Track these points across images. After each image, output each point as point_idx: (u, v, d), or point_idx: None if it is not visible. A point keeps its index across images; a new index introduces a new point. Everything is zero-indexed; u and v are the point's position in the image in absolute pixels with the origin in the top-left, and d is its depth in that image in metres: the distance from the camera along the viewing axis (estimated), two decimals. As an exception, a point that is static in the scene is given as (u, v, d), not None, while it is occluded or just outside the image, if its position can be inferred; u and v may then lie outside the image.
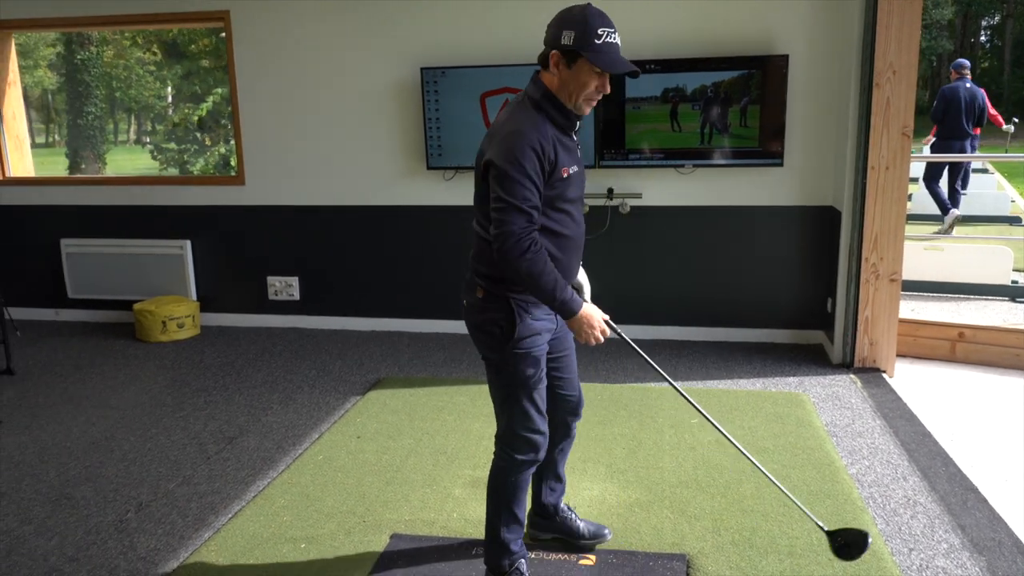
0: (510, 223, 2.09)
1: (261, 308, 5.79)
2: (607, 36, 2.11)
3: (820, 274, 4.95)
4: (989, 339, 4.69)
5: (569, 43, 2.10)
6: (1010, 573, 2.60)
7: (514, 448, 2.38)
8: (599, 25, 2.10)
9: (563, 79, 2.17)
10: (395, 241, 5.49)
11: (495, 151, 2.14)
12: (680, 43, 4.84)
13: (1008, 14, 36.78)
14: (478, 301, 2.32)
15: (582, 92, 2.17)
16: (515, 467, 2.40)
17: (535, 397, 2.34)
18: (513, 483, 2.42)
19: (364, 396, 4.31)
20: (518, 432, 2.36)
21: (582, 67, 2.13)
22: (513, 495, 2.43)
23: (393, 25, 5.18)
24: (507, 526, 2.45)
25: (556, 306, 2.18)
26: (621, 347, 5.07)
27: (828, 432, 3.71)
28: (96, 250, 5.86)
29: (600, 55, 2.10)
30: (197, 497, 3.24)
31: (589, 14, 2.11)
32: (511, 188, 2.09)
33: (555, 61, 2.16)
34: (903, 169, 4.28)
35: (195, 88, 12.69)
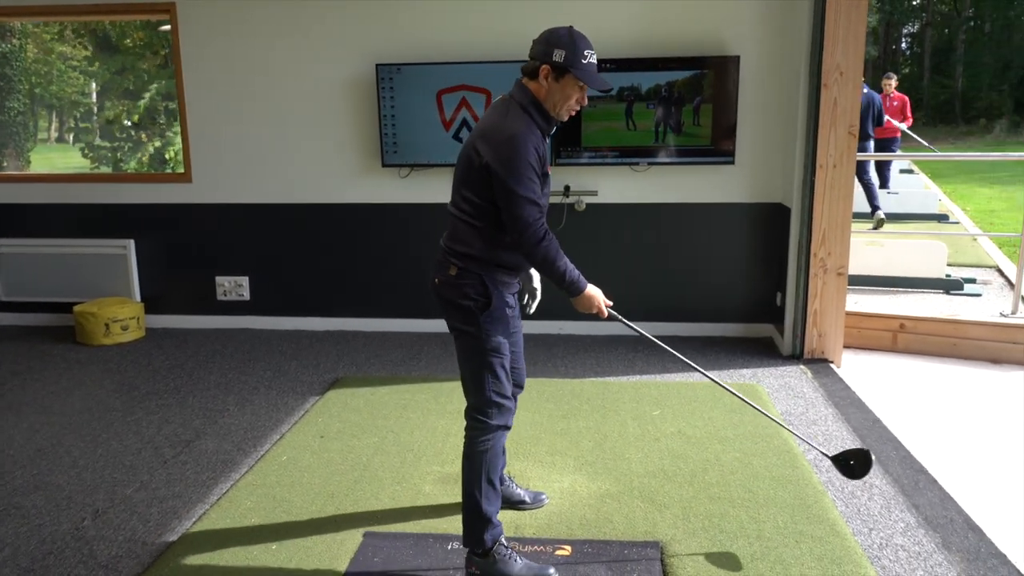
0: (526, 216, 2.35)
1: (210, 309, 5.65)
2: (590, 56, 2.42)
3: (770, 269, 5.10)
4: (928, 330, 4.90)
5: (560, 60, 2.38)
6: (962, 547, 2.73)
7: (488, 415, 2.53)
8: (584, 47, 2.41)
9: (550, 90, 2.43)
10: (349, 240, 5.42)
11: (497, 153, 2.35)
12: (635, 43, 4.92)
13: (927, 23, 38.46)
14: (451, 278, 2.50)
15: (566, 103, 2.45)
16: (490, 433, 2.54)
17: (505, 364, 2.54)
18: (490, 451, 2.53)
19: (323, 396, 4.25)
20: (492, 399, 2.52)
21: (568, 81, 2.41)
22: (491, 464, 2.54)
23: (347, 20, 5.12)
24: (487, 497, 2.53)
25: (566, 286, 2.47)
26: (580, 343, 5.13)
27: (784, 421, 3.82)
28: (31, 250, 5.63)
29: (585, 72, 2.40)
30: (157, 502, 3.15)
31: (576, 37, 2.42)
32: (521, 184, 2.34)
33: (545, 74, 2.41)
34: (850, 167, 4.44)
35: (128, 84, 12.26)
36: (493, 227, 2.45)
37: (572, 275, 2.47)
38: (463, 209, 2.48)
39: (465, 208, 2.47)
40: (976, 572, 2.58)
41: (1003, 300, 5.66)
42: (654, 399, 4.08)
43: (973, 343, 4.78)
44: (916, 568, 2.61)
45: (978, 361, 4.75)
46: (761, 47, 4.87)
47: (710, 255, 5.17)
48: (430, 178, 5.24)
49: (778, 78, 4.89)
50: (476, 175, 2.41)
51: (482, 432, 2.54)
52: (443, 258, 2.54)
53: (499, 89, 4.93)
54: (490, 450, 2.53)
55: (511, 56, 4.96)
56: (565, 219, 5.15)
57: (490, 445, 2.53)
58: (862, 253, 5.98)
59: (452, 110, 5.03)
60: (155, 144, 12.75)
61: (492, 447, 2.54)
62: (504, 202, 2.37)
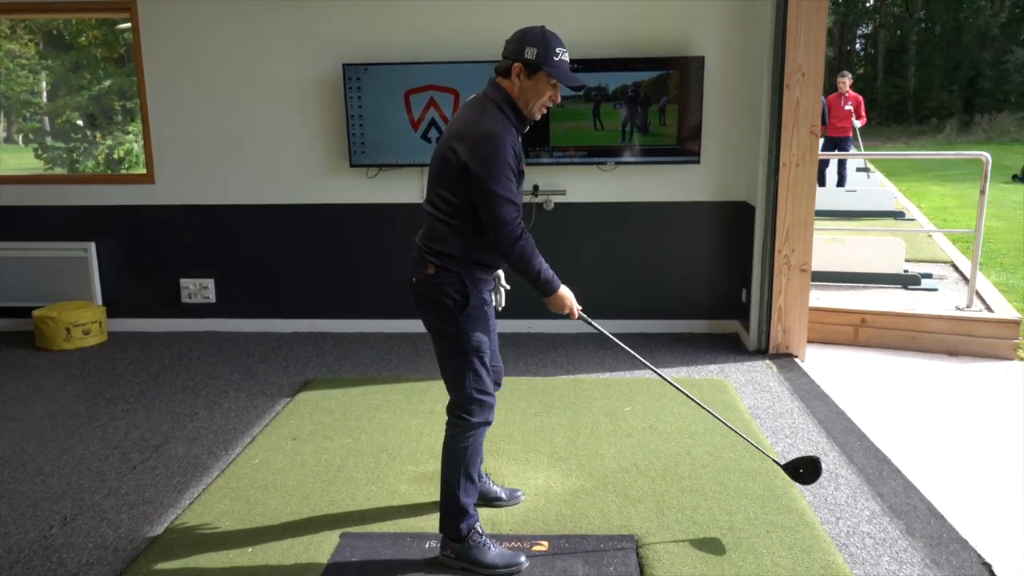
0: (503, 215, 2.38)
1: (174, 312, 5.57)
2: (562, 55, 2.44)
3: (735, 266, 5.18)
4: (888, 324, 5.03)
5: (532, 58, 2.40)
6: (926, 533, 2.82)
7: (469, 412, 2.57)
8: (556, 45, 2.43)
9: (523, 88, 2.45)
10: (317, 240, 5.39)
11: (476, 152, 2.36)
12: (602, 43, 4.96)
13: (880, 24, 39.34)
14: (429, 277, 2.50)
15: (538, 100, 2.47)
16: (471, 430, 2.58)
17: (485, 361, 2.58)
18: (470, 447, 2.59)
19: (294, 398, 4.22)
20: (474, 396, 2.56)
21: (541, 79, 2.44)
22: (470, 459, 2.59)
23: (313, 19, 5.09)
24: (464, 490, 2.59)
25: (540, 285, 2.51)
26: (550, 341, 5.16)
27: (752, 415, 3.90)
28: (-13, 254, 5.49)
29: (557, 69, 2.42)
30: (127, 508, 3.10)
31: (549, 35, 2.44)
32: (499, 183, 2.36)
33: (517, 72, 2.44)
34: (812, 166, 4.54)
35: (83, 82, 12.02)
36: (470, 226, 2.47)
37: (547, 274, 2.51)
38: (440, 208, 2.49)
39: (442, 207, 2.48)
40: (939, 557, 2.67)
41: (958, 294, 5.83)
42: (625, 395, 4.13)
43: (931, 336, 4.92)
44: (882, 554, 2.69)
45: (936, 354, 4.89)
46: (725, 48, 4.95)
47: (677, 253, 5.24)
48: (398, 178, 5.23)
49: (742, 79, 4.97)
50: (453, 174, 2.42)
51: (464, 429, 2.57)
52: (420, 256, 2.53)
53: (467, 89, 4.97)
54: (471, 446, 2.58)
55: (479, 56, 4.97)
56: (534, 218, 5.18)
57: (471, 441, 2.58)
58: (824, 250, 6.11)
59: (420, 110, 5.03)
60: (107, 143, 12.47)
61: (473, 443, 2.58)
62: (481, 201, 2.38)
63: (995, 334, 4.84)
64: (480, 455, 2.88)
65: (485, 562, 2.57)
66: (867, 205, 9.52)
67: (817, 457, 2.78)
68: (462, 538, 2.59)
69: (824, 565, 2.58)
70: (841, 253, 6.16)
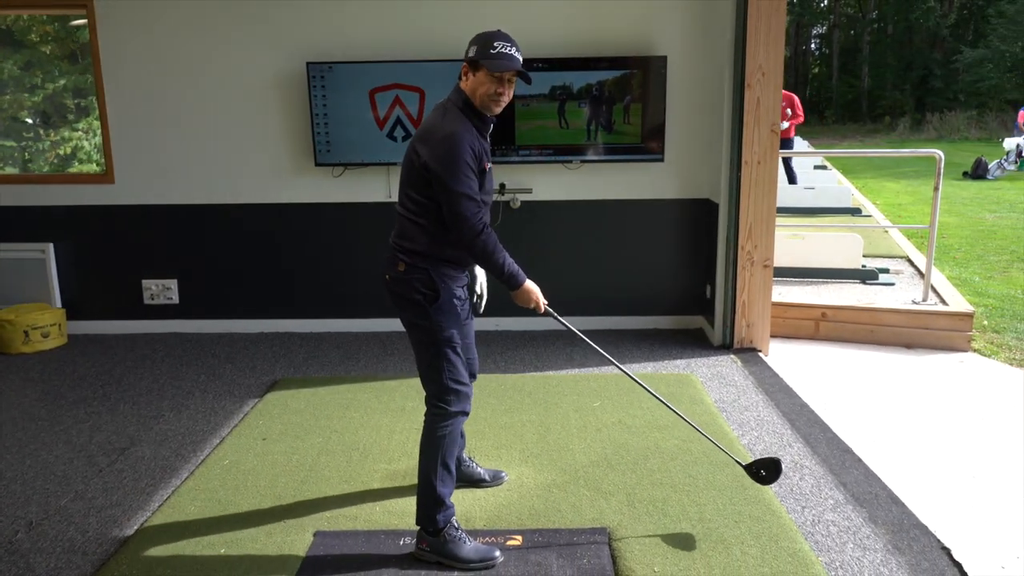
0: (463, 211, 2.45)
1: (136, 313, 5.48)
2: (502, 48, 2.49)
3: (699, 263, 5.27)
4: (847, 318, 5.16)
5: (472, 55, 2.51)
6: (887, 520, 2.91)
7: (447, 402, 2.63)
8: (496, 39, 2.50)
9: (471, 85, 2.54)
10: (282, 240, 5.34)
11: (435, 152, 2.46)
12: (566, 43, 5.01)
13: (835, 24, 40.11)
14: (400, 274, 2.58)
15: (487, 95, 2.52)
16: (449, 419, 2.64)
17: (460, 352, 2.65)
18: (448, 437, 2.64)
19: (262, 398, 4.19)
20: (449, 385, 2.62)
21: (482, 73, 2.50)
22: (448, 449, 2.64)
23: (275, 17, 5.05)
24: (442, 480, 2.63)
25: (505, 279, 2.58)
26: (518, 339, 5.19)
27: (718, 408, 3.98)
28: (-60, 256, 5.35)
29: (493, 61, 2.47)
30: (95, 511, 3.06)
31: (491, 33, 2.52)
32: (459, 181, 2.43)
33: (464, 71, 2.55)
34: (773, 163, 4.63)
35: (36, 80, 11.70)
36: (436, 224, 2.54)
37: (511, 268, 2.58)
38: (408, 208, 2.59)
39: (410, 207, 2.58)
40: (900, 543, 2.76)
41: (914, 288, 5.99)
42: (594, 391, 4.18)
43: (889, 329, 5.06)
44: (846, 541, 2.77)
45: (894, 346, 5.03)
46: (687, 48, 5.02)
47: (642, 250, 5.31)
48: (364, 177, 5.21)
49: (704, 78, 5.06)
50: (417, 175, 2.52)
51: (442, 418, 2.64)
52: (392, 255, 2.63)
53: (432, 88, 4.98)
54: (448, 435, 2.63)
55: (444, 55, 4.98)
56: (500, 217, 5.20)
57: (449, 430, 2.63)
58: (785, 246, 6.23)
59: (386, 109, 5.02)
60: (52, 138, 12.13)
61: (451, 432, 2.64)
62: (444, 199, 2.47)
63: (949, 326, 4.99)
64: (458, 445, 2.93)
65: (460, 556, 2.60)
66: (826, 202, 9.73)
67: (778, 458, 2.83)
68: (438, 531, 2.62)
69: (791, 553, 2.64)
70: (802, 249, 6.29)
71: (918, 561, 2.64)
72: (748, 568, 2.56)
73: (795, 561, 2.60)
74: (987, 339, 5.19)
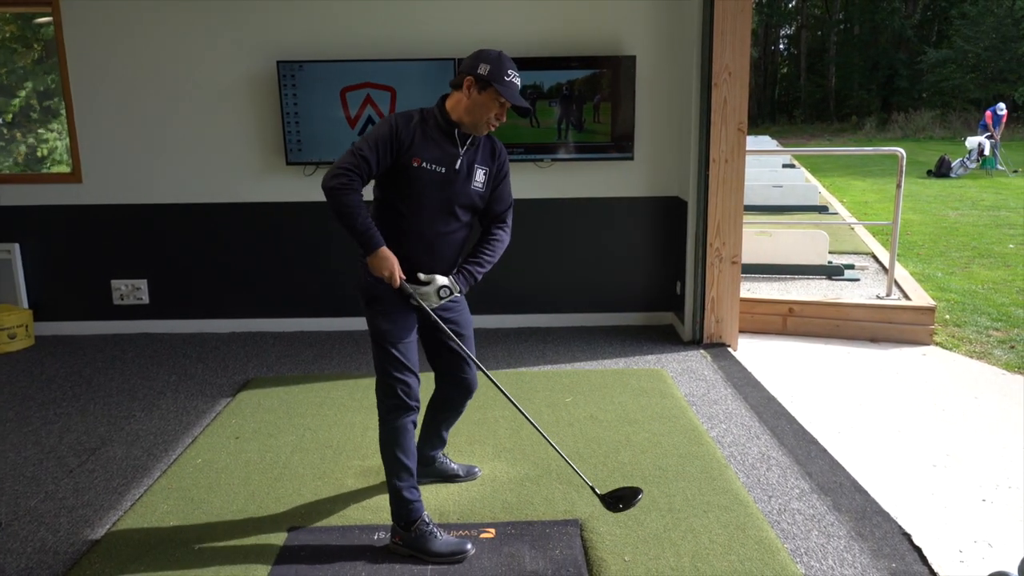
0: (338, 162, 2.49)
1: (106, 314, 5.43)
2: (513, 77, 2.56)
3: (669, 260, 5.34)
4: (814, 313, 5.26)
5: (484, 73, 2.52)
6: (851, 508, 2.99)
7: (383, 394, 2.68)
8: (509, 67, 2.55)
9: (472, 100, 2.55)
10: (254, 239, 5.33)
11: None
12: (537, 42, 5.05)
13: (802, 25, 40.65)
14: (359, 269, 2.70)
15: (485, 115, 2.57)
16: (385, 412, 2.67)
17: (392, 351, 2.64)
18: (390, 430, 2.66)
19: (235, 397, 4.18)
20: (382, 378, 2.66)
21: (490, 95, 2.54)
22: (394, 441, 2.66)
23: (245, 15, 5.03)
24: (396, 474, 2.67)
25: (357, 237, 2.52)
26: (491, 336, 5.22)
27: (688, 402, 4.05)
28: (-98, 257, 5.26)
29: (506, 87, 2.53)
30: (66, 511, 3.04)
31: (504, 57, 2.56)
32: (359, 142, 2.52)
33: (469, 84, 2.55)
34: (740, 162, 4.71)
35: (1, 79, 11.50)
36: (379, 218, 2.66)
37: (365, 230, 2.50)
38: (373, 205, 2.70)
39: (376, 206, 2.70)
40: (863, 529, 2.83)
41: (879, 284, 6.12)
42: (566, 387, 4.23)
43: (854, 324, 5.17)
44: (811, 529, 2.84)
45: (859, 340, 5.14)
46: (655, 48, 5.09)
47: (613, 248, 5.37)
48: (337, 176, 5.21)
49: (672, 78, 5.13)
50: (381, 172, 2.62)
51: (385, 410, 2.68)
52: None
53: (404, 87, 5.00)
54: (391, 429, 2.66)
55: (416, 55, 5.00)
56: (473, 215, 5.23)
57: (390, 424, 2.66)
58: (753, 243, 6.33)
59: (357, 108, 5.02)
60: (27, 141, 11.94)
61: (394, 426, 2.66)
62: None
63: (913, 321, 5.11)
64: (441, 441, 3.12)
65: (432, 550, 2.63)
66: (793, 200, 9.88)
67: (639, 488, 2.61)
68: (409, 525, 2.65)
69: (758, 541, 2.71)
70: (769, 246, 6.40)
71: (880, 546, 2.72)
72: (716, 556, 2.62)
73: (762, 548, 2.66)
74: (949, 333, 5.33)
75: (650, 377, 4.37)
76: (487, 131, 2.62)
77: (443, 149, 2.60)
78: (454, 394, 2.97)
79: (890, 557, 2.65)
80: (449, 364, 2.90)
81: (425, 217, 2.61)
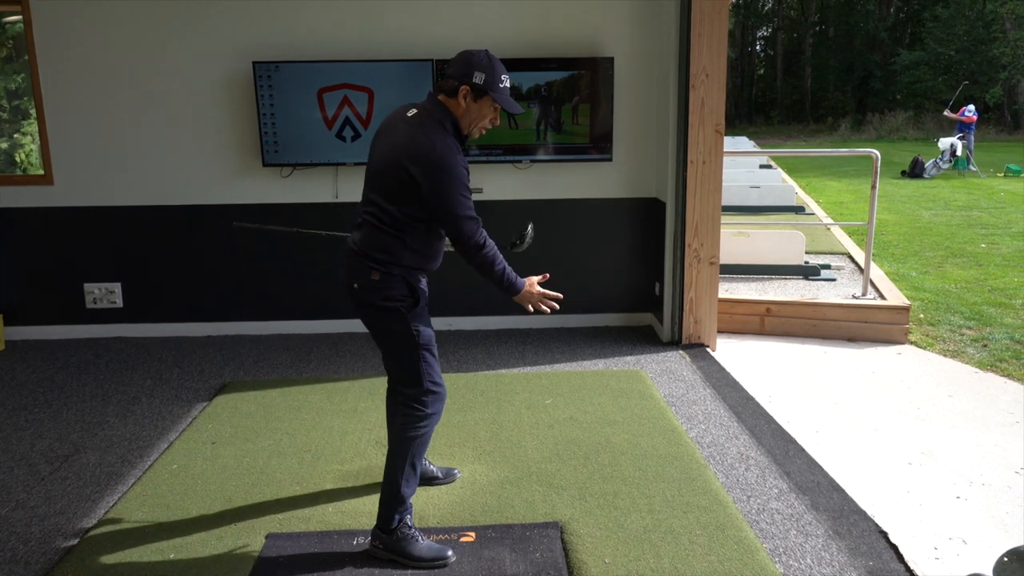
0: (467, 232, 2.53)
1: (78, 318, 5.35)
2: (506, 81, 2.59)
3: (648, 260, 5.36)
4: (791, 313, 5.30)
5: (480, 82, 2.52)
6: (828, 506, 3.01)
7: (425, 404, 2.66)
8: (501, 72, 2.57)
9: (468, 109, 2.57)
10: (230, 242, 5.27)
11: (433, 177, 2.46)
12: (515, 43, 5.04)
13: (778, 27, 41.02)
14: (374, 283, 2.57)
15: (480, 122, 2.61)
16: (424, 420, 2.67)
17: (435, 353, 2.71)
18: (421, 438, 2.67)
19: (211, 402, 4.13)
20: (429, 388, 2.66)
21: (486, 103, 2.56)
22: (418, 450, 2.67)
23: (221, 15, 4.98)
24: (407, 481, 2.66)
25: (505, 286, 2.67)
26: (470, 338, 5.21)
27: (667, 402, 4.06)
28: None
29: (502, 95, 2.57)
30: (37, 520, 2.99)
31: (495, 61, 2.56)
32: (460, 205, 2.50)
33: (464, 94, 2.54)
34: (718, 163, 4.74)
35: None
36: (417, 239, 2.59)
37: (510, 278, 2.67)
38: (384, 221, 2.56)
39: (386, 220, 2.55)
40: (841, 528, 2.86)
41: (854, 284, 6.17)
42: (545, 388, 4.22)
43: (831, 324, 5.21)
44: (790, 528, 2.86)
45: (836, 340, 5.19)
46: (633, 50, 5.11)
47: (592, 249, 5.37)
48: (313, 177, 5.18)
49: (650, 79, 5.14)
50: (406, 194, 2.50)
51: (419, 420, 2.66)
52: (360, 264, 2.58)
53: (381, 88, 4.97)
54: (421, 436, 2.67)
55: (393, 55, 4.98)
56: (452, 216, 5.21)
57: (423, 431, 2.67)
58: (730, 244, 6.37)
59: (334, 109, 4.99)
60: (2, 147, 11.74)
61: (425, 433, 2.68)
62: (445, 221, 2.53)
63: (888, 320, 5.17)
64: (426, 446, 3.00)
65: (413, 554, 2.62)
66: (770, 201, 9.96)
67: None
68: (391, 529, 2.63)
69: (737, 541, 2.72)
70: (747, 246, 6.44)
71: (857, 545, 2.74)
72: (696, 557, 2.63)
73: (741, 548, 2.67)
74: (923, 331, 5.39)
75: (629, 378, 4.38)
76: (479, 135, 2.65)
77: None
78: None
79: (867, 555, 2.67)
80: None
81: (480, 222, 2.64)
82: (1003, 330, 5.38)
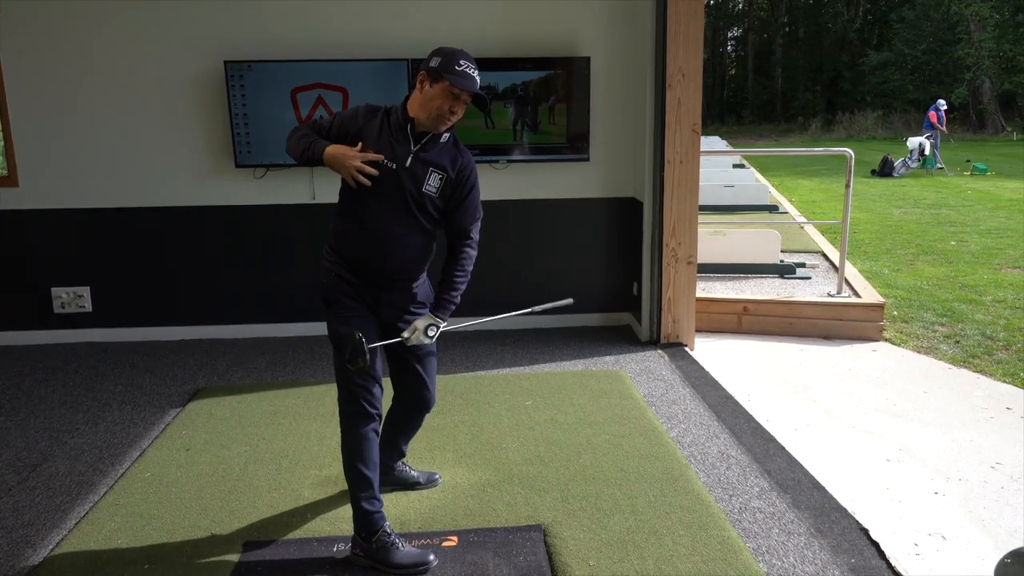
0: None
1: (45, 323, 5.22)
2: (466, 67, 2.51)
3: (625, 260, 5.35)
4: (767, 311, 5.33)
5: (435, 66, 2.49)
6: (810, 504, 3.02)
7: (344, 401, 2.63)
8: (462, 57, 2.52)
9: (425, 95, 2.51)
10: (203, 244, 5.18)
11: None
12: (491, 43, 5.01)
13: (749, 28, 41.40)
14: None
15: (438, 109, 2.51)
16: (346, 420, 2.62)
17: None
18: (351, 439, 2.61)
19: (185, 408, 4.05)
20: (343, 385, 2.62)
21: (442, 86, 2.49)
22: (354, 452, 2.60)
23: (191, 14, 4.89)
24: (356, 485, 2.61)
25: (308, 155, 2.57)
26: (451, 339, 5.17)
27: (647, 402, 4.05)
28: None
29: (456, 76, 2.48)
30: (4, 533, 2.90)
31: (457, 50, 2.54)
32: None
33: (422, 79, 2.52)
34: (694, 163, 4.74)
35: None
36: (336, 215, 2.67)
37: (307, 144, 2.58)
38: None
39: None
40: (822, 525, 2.86)
41: (829, 282, 6.22)
42: (525, 390, 4.20)
43: (807, 322, 5.25)
44: (772, 527, 2.86)
45: (812, 338, 5.22)
46: (609, 50, 5.10)
47: (569, 249, 5.36)
48: (287, 178, 5.11)
49: (626, 79, 5.14)
50: None
51: (345, 419, 2.64)
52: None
53: (356, 88, 4.92)
54: (353, 437, 2.61)
55: (368, 55, 4.93)
56: (429, 217, 5.17)
57: (352, 432, 2.61)
58: (707, 243, 6.38)
59: (308, 109, 4.92)
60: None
61: (355, 434, 2.61)
62: None
63: (863, 317, 5.22)
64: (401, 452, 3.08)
65: (393, 562, 2.57)
66: (745, 200, 10.02)
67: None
68: (369, 536, 2.59)
69: (720, 540, 2.71)
70: (723, 245, 6.47)
71: (839, 542, 2.74)
72: (680, 557, 2.61)
73: (724, 548, 2.67)
74: (897, 329, 5.45)
75: (609, 378, 4.36)
76: (444, 126, 2.55)
77: (396, 144, 2.56)
78: (413, 410, 2.95)
79: (849, 553, 2.68)
80: (414, 381, 2.86)
81: (376, 213, 2.56)
82: (975, 326, 5.46)
